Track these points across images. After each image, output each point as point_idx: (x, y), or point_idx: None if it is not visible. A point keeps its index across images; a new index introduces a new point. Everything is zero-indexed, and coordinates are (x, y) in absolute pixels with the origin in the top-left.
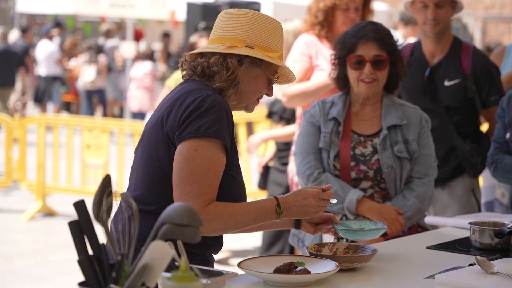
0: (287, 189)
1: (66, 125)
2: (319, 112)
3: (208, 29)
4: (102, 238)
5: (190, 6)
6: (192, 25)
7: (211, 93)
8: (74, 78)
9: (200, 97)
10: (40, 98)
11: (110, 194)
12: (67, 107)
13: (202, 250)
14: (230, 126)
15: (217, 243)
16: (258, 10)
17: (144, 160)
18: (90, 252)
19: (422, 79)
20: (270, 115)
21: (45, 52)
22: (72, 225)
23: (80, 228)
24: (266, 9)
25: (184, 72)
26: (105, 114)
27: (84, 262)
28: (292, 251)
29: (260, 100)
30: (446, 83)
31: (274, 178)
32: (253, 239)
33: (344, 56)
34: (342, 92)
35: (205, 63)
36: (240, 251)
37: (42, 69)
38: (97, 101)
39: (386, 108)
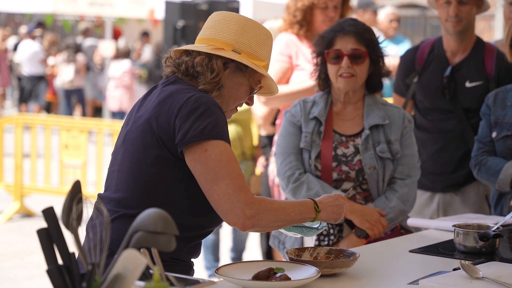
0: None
1: (44, 125)
2: (300, 112)
3: (186, 27)
4: (72, 246)
5: (168, 5)
6: (171, 24)
7: (200, 93)
8: (52, 77)
9: (191, 97)
10: (26, 98)
11: (80, 200)
12: (46, 106)
13: (186, 256)
14: (226, 124)
15: (198, 249)
16: (237, 8)
17: (129, 162)
18: (60, 261)
19: (441, 78)
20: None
21: (28, 52)
22: (41, 233)
23: (49, 236)
24: (246, 7)
25: (168, 69)
26: (84, 114)
27: (53, 271)
28: (269, 252)
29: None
30: (468, 84)
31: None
32: None
33: (323, 51)
34: (324, 91)
35: (189, 62)
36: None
37: (25, 69)
38: (76, 100)
39: (368, 108)
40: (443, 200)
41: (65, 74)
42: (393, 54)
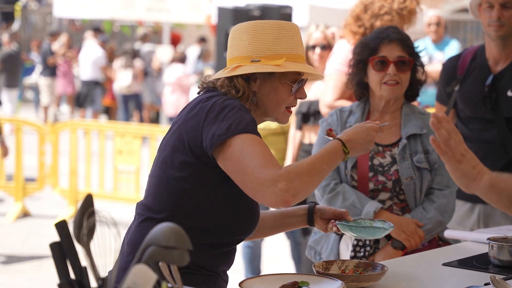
0: None
1: (98, 130)
2: (337, 121)
3: None
4: (85, 260)
5: (221, 11)
6: (223, 30)
7: (227, 97)
8: (112, 82)
9: (218, 100)
10: (82, 103)
11: (91, 214)
12: (105, 111)
13: (212, 264)
14: (254, 122)
15: (227, 258)
16: (290, 14)
17: (158, 168)
18: (72, 275)
19: (483, 87)
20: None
21: (91, 57)
22: (54, 246)
23: (62, 250)
24: (302, 13)
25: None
26: (141, 119)
27: (65, 286)
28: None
29: None
30: (509, 93)
31: None
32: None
33: (366, 58)
34: (361, 100)
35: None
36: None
37: (84, 73)
38: (134, 105)
39: (406, 117)
40: (484, 211)
41: (122, 79)
42: (439, 59)
